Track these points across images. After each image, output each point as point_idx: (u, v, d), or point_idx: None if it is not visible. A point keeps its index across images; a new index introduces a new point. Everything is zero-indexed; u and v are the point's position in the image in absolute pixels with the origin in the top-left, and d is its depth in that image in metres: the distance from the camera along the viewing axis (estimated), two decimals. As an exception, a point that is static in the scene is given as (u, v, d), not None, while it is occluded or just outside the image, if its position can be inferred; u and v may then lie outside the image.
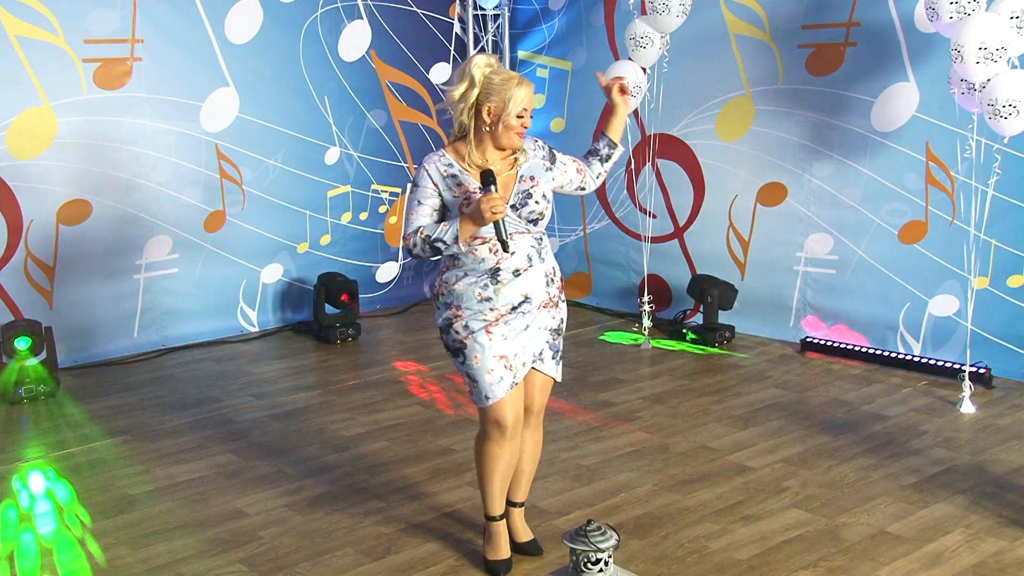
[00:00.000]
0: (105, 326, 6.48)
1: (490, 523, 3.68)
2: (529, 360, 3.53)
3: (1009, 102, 4.74)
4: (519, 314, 3.47)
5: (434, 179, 3.45)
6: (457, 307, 3.48)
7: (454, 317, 3.48)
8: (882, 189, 6.09)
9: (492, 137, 3.44)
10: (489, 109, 3.39)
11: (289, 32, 6.99)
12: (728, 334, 6.66)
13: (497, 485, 3.60)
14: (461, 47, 7.94)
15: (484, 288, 3.44)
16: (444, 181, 3.44)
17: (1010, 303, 5.66)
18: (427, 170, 3.46)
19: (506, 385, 3.46)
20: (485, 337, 3.44)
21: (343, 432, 5.17)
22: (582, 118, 7.66)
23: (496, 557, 3.67)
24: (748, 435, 5.02)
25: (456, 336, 3.48)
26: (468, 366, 3.47)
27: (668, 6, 5.90)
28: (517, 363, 3.48)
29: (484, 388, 3.46)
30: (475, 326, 3.45)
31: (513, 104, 3.38)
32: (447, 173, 3.45)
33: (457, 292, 3.47)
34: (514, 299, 3.46)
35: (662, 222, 7.21)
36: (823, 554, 3.76)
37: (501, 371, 3.45)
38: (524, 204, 3.45)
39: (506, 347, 3.46)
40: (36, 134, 6.02)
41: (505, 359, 3.46)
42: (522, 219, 3.45)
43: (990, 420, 5.15)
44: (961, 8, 4.81)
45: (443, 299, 3.53)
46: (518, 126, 3.41)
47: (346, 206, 7.51)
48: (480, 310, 3.45)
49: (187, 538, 3.99)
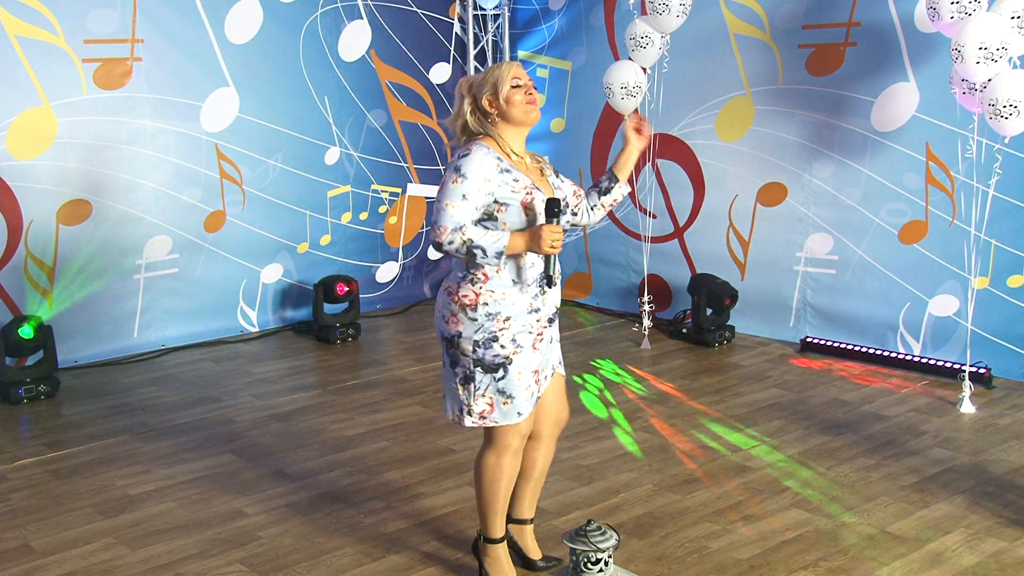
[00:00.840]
0: (105, 326, 6.48)
1: (494, 547, 3.47)
2: (550, 372, 3.42)
3: (1010, 102, 4.74)
4: (550, 326, 3.39)
5: (487, 173, 3.19)
6: (506, 319, 3.23)
7: (499, 331, 3.22)
8: (882, 189, 6.09)
9: (507, 122, 3.31)
10: (488, 100, 3.30)
11: (289, 32, 6.99)
12: (728, 334, 6.66)
13: (502, 503, 3.42)
14: (461, 47, 7.94)
15: (535, 298, 3.29)
16: (500, 176, 3.21)
17: (1010, 303, 5.66)
18: (481, 162, 3.20)
19: (534, 399, 3.33)
20: (531, 352, 3.27)
21: (343, 432, 5.17)
22: (582, 118, 7.66)
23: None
24: (748, 435, 5.02)
25: (501, 351, 3.22)
26: (507, 382, 3.24)
27: (668, 6, 5.90)
28: (542, 376, 3.37)
29: (519, 404, 3.27)
30: (523, 340, 3.25)
31: (502, 81, 3.27)
32: (501, 168, 3.23)
33: (507, 302, 3.22)
34: (551, 311, 3.38)
35: (662, 222, 7.21)
36: (823, 554, 3.76)
37: (534, 386, 3.32)
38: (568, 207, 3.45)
39: (540, 361, 3.33)
40: (36, 134, 6.02)
41: (537, 374, 3.33)
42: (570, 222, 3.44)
43: (990, 420, 5.15)
44: (962, 8, 4.81)
45: (485, 309, 3.21)
46: (521, 97, 3.28)
47: (346, 206, 7.51)
48: (528, 322, 3.26)
49: (187, 538, 3.99)
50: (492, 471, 3.37)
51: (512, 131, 3.33)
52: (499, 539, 3.47)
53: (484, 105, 3.30)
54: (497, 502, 3.41)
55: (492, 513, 3.42)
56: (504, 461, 3.36)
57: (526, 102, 3.29)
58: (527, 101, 3.29)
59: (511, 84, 3.27)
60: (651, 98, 6.52)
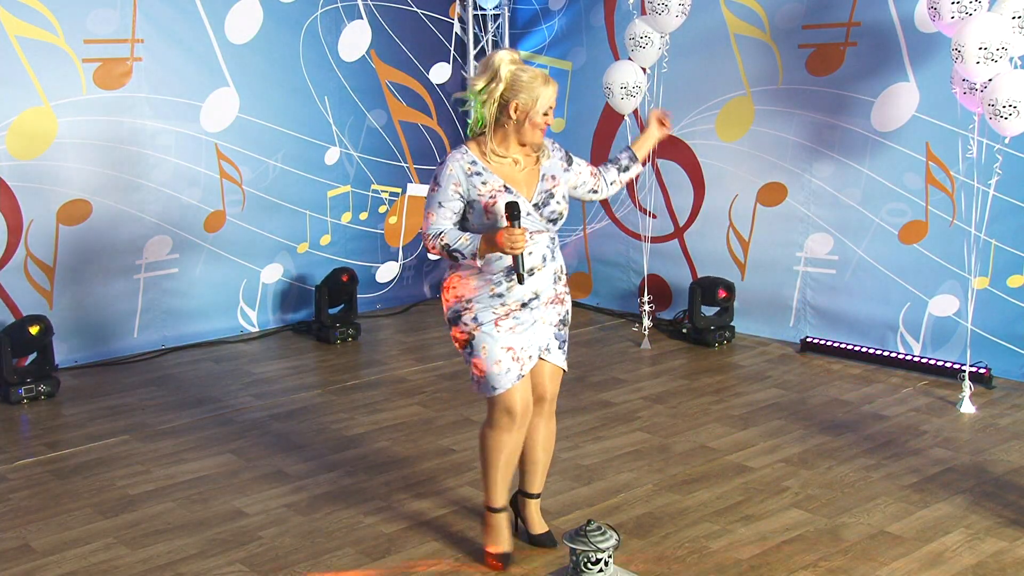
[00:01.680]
0: (105, 326, 6.48)
1: (492, 515, 3.70)
2: (536, 353, 3.60)
3: (1009, 102, 4.74)
4: (527, 309, 3.55)
5: (457, 179, 3.48)
6: (468, 300, 3.54)
7: (463, 309, 3.54)
8: (882, 189, 6.09)
9: (516, 133, 3.50)
10: (517, 106, 3.44)
11: (289, 32, 6.99)
12: (728, 334, 6.67)
13: (501, 475, 3.64)
14: (461, 47, 7.94)
15: (498, 284, 3.51)
16: (469, 180, 3.48)
17: (1010, 303, 5.66)
18: (451, 170, 3.49)
19: (513, 376, 3.52)
20: (493, 328, 3.51)
21: (343, 432, 5.17)
22: (582, 118, 7.66)
23: (498, 550, 3.70)
24: (748, 435, 5.02)
25: (465, 327, 3.54)
26: (476, 356, 3.53)
27: (667, 6, 5.90)
28: (524, 356, 3.55)
29: (492, 378, 3.51)
30: (484, 318, 3.52)
31: (541, 102, 3.45)
32: (471, 172, 3.49)
33: (471, 286, 3.53)
34: (525, 296, 3.53)
35: (662, 222, 7.21)
36: (823, 554, 3.76)
37: (508, 362, 3.51)
38: (546, 204, 3.54)
39: (513, 339, 3.53)
40: (36, 134, 6.02)
41: (512, 351, 3.52)
42: (543, 218, 3.53)
43: (990, 420, 5.15)
44: (963, 8, 4.81)
45: (453, 291, 3.58)
46: (542, 124, 3.48)
47: (346, 206, 7.51)
48: (491, 304, 3.52)
49: (187, 538, 3.99)
50: (487, 443, 3.64)
51: (513, 140, 3.53)
52: (497, 508, 3.70)
53: (510, 107, 3.46)
54: (494, 473, 3.65)
55: (490, 484, 3.68)
56: (491, 435, 3.61)
57: (540, 129, 3.50)
58: (542, 128, 3.51)
59: (544, 111, 3.47)
60: (651, 98, 6.52)
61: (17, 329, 5.70)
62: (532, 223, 3.48)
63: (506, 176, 3.51)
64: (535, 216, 3.50)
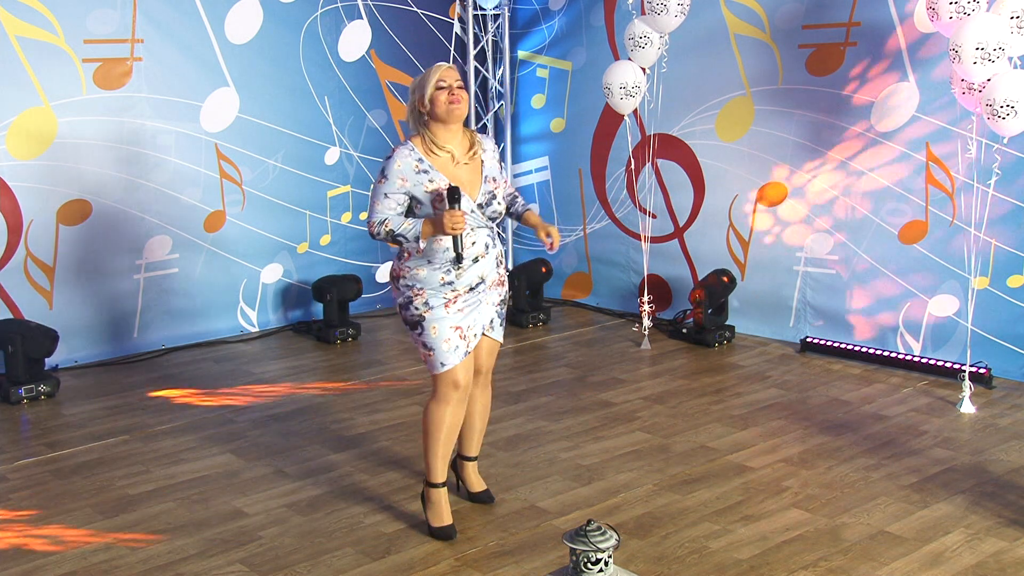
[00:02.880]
0: (105, 326, 6.48)
1: (434, 490, 3.97)
2: (480, 331, 3.92)
3: (1007, 102, 4.74)
4: (474, 294, 3.87)
5: (405, 174, 3.76)
6: (419, 288, 3.82)
7: (415, 295, 3.83)
8: (882, 189, 6.09)
9: (435, 120, 3.79)
10: (419, 100, 3.79)
11: (289, 32, 7.00)
12: (728, 334, 6.67)
13: (442, 449, 3.92)
14: (461, 47, 7.94)
15: (447, 273, 3.80)
16: (416, 176, 3.76)
17: (1010, 303, 5.66)
18: (399, 165, 3.77)
19: (460, 353, 3.84)
20: (443, 311, 3.81)
21: (343, 432, 5.17)
22: (582, 118, 7.66)
23: (441, 524, 3.96)
24: (748, 435, 5.02)
25: (415, 311, 3.83)
26: (426, 336, 3.82)
27: (666, 6, 5.90)
28: (470, 334, 3.88)
29: (440, 356, 3.82)
30: (435, 302, 3.81)
31: (429, 84, 3.75)
32: (419, 169, 3.77)
33: (421, 276, 3.81)
34: (472, 281, 3.85)
35: (662, 222, 7.21)
36: (823, 554, 3.76)
37: (456, 341, 3.83)
38: (489, 204, 3.85)
39: (461, 320, 3.84)
40: (36, 134, 6.02)
41: (460, 330, 3.84)
42: (485, 216, 3.84)
43: (990, 420, 5.15)
44: (961, 8, 4.81)
45: (404, 281, 3.85)
46: (444, 96, 3.74)
47: (346, 206, 7.51)
48: (442, 291, 3.81)
49: (187, 538, 3.99)
50: (430, 417, 3.90)
51: (441, 127, 3.81)
52: (439, 484, 3.96)
53: (418, 107, 3.81)
54: (435, 447, 3.92)
55: (432, 458, 3.94)
56: (436, 410, 3.89)
57: (448, 101, 3.74)
58: (449, 100, 3.74)
59: (435, 87, 3.74)
60: (651, 98, 6.52)
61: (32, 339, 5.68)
62: (475, 219, 3.79)
63: (451, 176, 3.79)
64: (478, 214, 3.80)
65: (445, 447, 3.94)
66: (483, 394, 4.15)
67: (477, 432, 4.19)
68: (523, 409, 5.47)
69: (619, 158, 7.44)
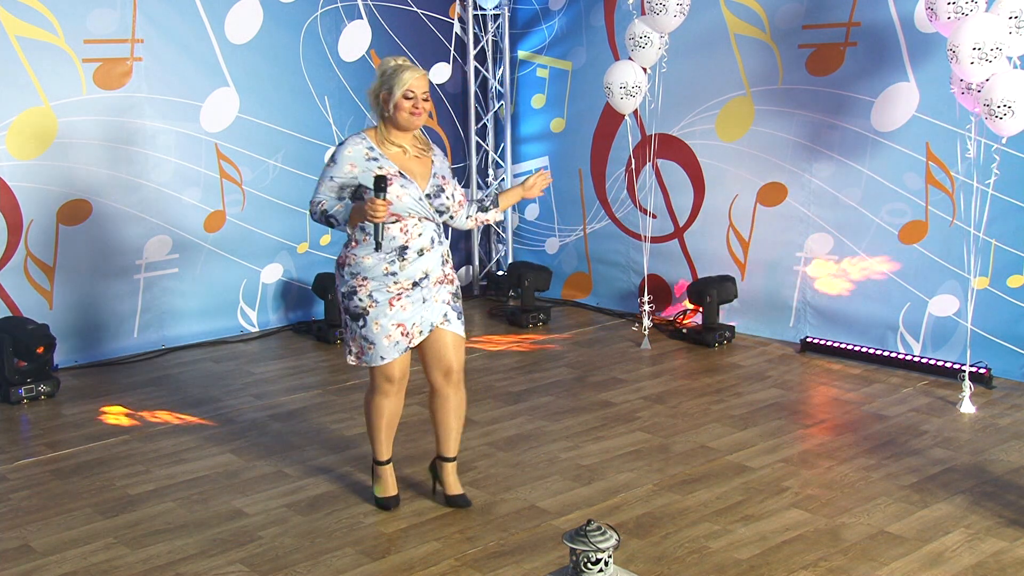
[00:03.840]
0: (105, 326, 6.48)
1: (379, 467, 4.20)
2: (427, 328, 3.99)
3: (1004, 102, 4.74)
4: (418, 290, 3.92)
5: (355, 160, 3.84)
6: (364, 278, 3.89)
7: (359, 286, 3.90)
8: (882, 189, 6.09)
9: (392, 121, 3.86)
10: (383, 96, 3.84)
11: (289, 32, 6.99)
12: (728, 334, 6.67)
13: (384, 434, 4.11)
14: (461, 47, 7.94)
15: (391, 263, 3.86)
16: (366, 163, 3.83)
17: (1010, 303, 5.66)
18: (350, 151, 3.86)
19: (400, 348, 3.95)
20: (387, 307, 3.90)
21: (343, 432, 5.17)
22: (582, 118, 7.66)
23: (386, 494, 4.20)
24: (748, 435, 5.02)
25: (359, 303, 3.91)
26: (367, 330, 3.91)
27: (665, 6, 5.90)
28: (414, 331, 3.96)
29: (381, 350, 3.93)
30: (379, 297, 3.89)
31: (397, 88, 3.78)
32: (369, 156, 3.85)
33: (365, 265, 3.87)
34: (416, 275, 3.91)
35: (662, 222, 7.21)
36: (823, 554, 3.76)
37: (398, 337, 3.93)
38: (437, 196, 3.92)
39: (404, 316, 3.92)
40: (36, 134, 6.02)
41: (403, 327, 3.93)
42: (432, 207, 3.91)
43: (990, 420, 5.15)
44: (959, 8, 4.81)
45: (349, 269, 3.91)
46: (408, 107, 3.80)
47: (346, 206, 7.51)
48: (385, 282, 3.88)
49: (187, 538, 3.99)
50: (368, 407, 4.10)
51: (392, 128, 3.88)
52: (383, 461, 4.19)
53: (380, 98, 3.86)
54: (377, 434, 4.12)
55: (375, 442, 4.16)
56: (376, 399, 4.06)
57: (410, 112, 3.82)
58: (411, 111, 3.82)
59: (404, 94, 3.80)
60: (651, 98, 6.52)
61: (23, 340, 5.66)
62: (422, 209, 3.86)
63: (402, 165, 3.86)
64: (425, 204, 3.87)
65: (387, 432, 4.13)
66: (456, 394, 4.13)
67: (454, 432, 4.18)
68: (523, 409, 5.47)
69: (619, 158, 7.44)
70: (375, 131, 3.92)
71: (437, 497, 4.27)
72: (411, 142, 3.93)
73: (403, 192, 3.80)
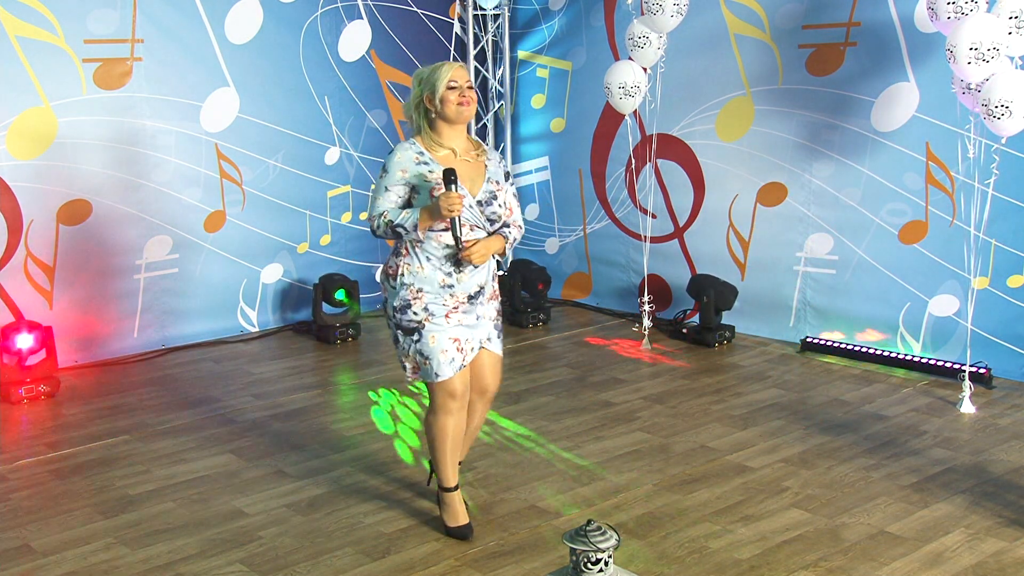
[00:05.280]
0: (105, 326, 6.48)
1: (447, 494, 3.97)
2: (477, 346, 3.87)
3: (1001, 103, 4.74)
4: (474, 304, 3.82)
5: (405, 166, 3.74)
6: (418, 289, 3.75)
7: (413, 299, 3.76)
8: (882, 189, 6.09)
9: (442, 119, 3.77)
10: (428, 97, 3.77)
11: (289, 32, 7.00)
12: (728, 334, 6.67)
13: (450, 456, 3.91)
14: (461, 47, 7.94)
15: (448, 275, 3.75)
16: (416, 167, 3.74)
17: (1010, 303, 5.66)
18: (399, 157, 3.76)
19: (456, 365, 3.78)
20: (444, 321, 3.77)
21: (343, 432, 5.17)
22: (582, 118, 7.66)
23: (458, 523, 3.96)
24: (748, 435, 5.02)
25: (414, 317, 3.76)
26: (423, 344, 3.76)
27: (662, 6, 5.90)
28: (467, 347, 3.82)
29: (436, 366, 3.76)
30: (436, 310, 3.76)
31: (440, 82, 3.74)
32: (419, 161, 3.75)
33: (421, 276, 3.74)
34: (472, 288, 3.80)
35: (662, 222, 7.21)
36: (823, 554, 3.76)
37: (453, 352, 3.77)
38: (489, 204, 3.78)
39: (460, 332, 3.79)
40: (36, 134, 6.02)
41: (458, 342, 3.79)
42: (483, 215, 3.76)
43: (990, 420, 5.15)
44: (958, 8, 4.82)
45: (403, 279, 3.77)
46: (455, 97, 3.73)
47: (346, 206, 7.51)
48: (441, 294, 3.75)
49: (187, 538, 3.99)
50: (430, 428, 3.89)
51: (446, 127, 3.79)
52: (451, 488, 3.96)
53: (424, 103, 3.79)
54: (442, 456, 3.91)
55: (441, 466, 3.94)
56: (440, 419, 3.84)
57: (458, 103, 3.74)
58: (459, 102, 3.74)
59: (447, 86, 3.74)
60: (651, 98, 6.52)
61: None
62: (473, 217, 3.73)
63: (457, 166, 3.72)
64: (476, 211, 3.73)
65: (452, 454, 3.91)
66: (483, 410, 4.07)
67: (469, 433, 4.11)
68: (523, 409, 5.47)
69: (619, 158, 7.44)
70: (422, 137, 3.81)
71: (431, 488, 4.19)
72: (462, 145, 3.81)
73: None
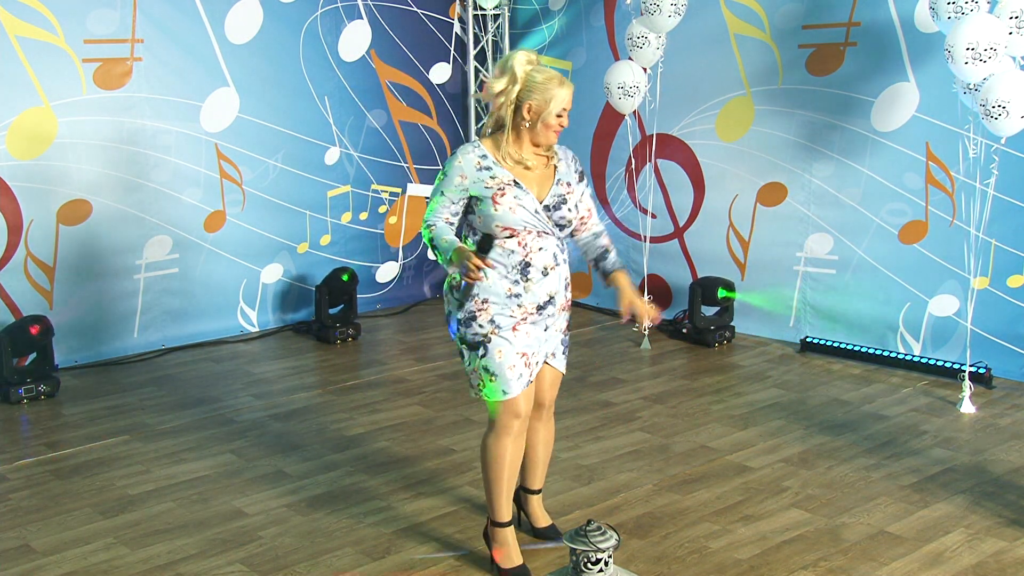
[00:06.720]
0: (105, 326, 6.48)
1: (500, 530, 3.61)
2: (543, 359, 3.59)
3: (999, 103, 4.74)
4: (543, 316, 3.51)
5: (465, 171, 3.44)
6: (484, 300, 3.44)
7: (479, 311, 3.45)
8: (882, 189, 6.09)
9: (530, 134, 3.48)
10: (530, 107, 3.45)
11: (289, 32, 6.99)
12: (728, 334, 6.67)
13: (507, 484, 3.57)
14: (461, 47, 7.94)
15: (515, 284, 3.44)
16: (477, 173, 3.43)
17: (1010, 303, 5.66)
18: (460, 162, 3.46)
19: (524, 382, 3.49)
20: (511, 334, 3.46)
21: (343, 432, 5.17)
22: (582, 118, 7.65)
23: (512, 564, 3.59)
24: (748, 435, 5.02)
25: (480, 330, 3.45)
26: (489, 360, 3.45)
27: (659, 6, 5.90)
28: (533, 361, 3.53)
29: (504, 383, 3.45)
30: (503, 322, 3.45)
31: (555, 103, 3.46)
32: (481, 165, 3.44)
33: (485, 285, 3.42)
34: (541, 298, 3.48)
35: (662, 222, 7.21)
36: (823, 554, 3.76)
37: (521, 368, 3.47)
38: (557, 208, 3.49)
39: (528, 345, 3.49)
40: (36, 134, 6.02)
41: (526, 357, 3.49)
42: (551, 220, 3.47)
43: (990, 420, 5.15)
44: (958, 8, 4.82)
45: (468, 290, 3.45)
46: (556, 125, 3.48)
47: (346, 206, 7.51)
48: (508, 305, 3.45)
49: (187, 538, 3.99)
50: (490, 451, 3.55)
51: (527, 140, 3.50)
52: (505, 523, 3.61)
53: (524, 108, 3.46)
54: (498, 485, 3.56)
55: (496, 495, 3.58)
56: (501, 442, 3.53)
57: (555, 131, 3.50)
58: (556, 130, 3.50)
59: (558, 112, 3.47)
60: (651, 98, 6.52)
61: (17, 329, 5.70)
62: (540, 223, 3.44)
63: (517, 174, 3.46)
64: (543, 217, 3.44)
65: (509, 483, 3.58)
66: (546, 426, 3.78)
67: (540, 464, 3.82)
68: (523, 409, 5.47)
69: (619, 158, 7.44)
70: (493, 140, 3.49)
71: (523, 528, 3.91)
72: (537, 154, 3.53)
73: (516, 204, 3.39)
